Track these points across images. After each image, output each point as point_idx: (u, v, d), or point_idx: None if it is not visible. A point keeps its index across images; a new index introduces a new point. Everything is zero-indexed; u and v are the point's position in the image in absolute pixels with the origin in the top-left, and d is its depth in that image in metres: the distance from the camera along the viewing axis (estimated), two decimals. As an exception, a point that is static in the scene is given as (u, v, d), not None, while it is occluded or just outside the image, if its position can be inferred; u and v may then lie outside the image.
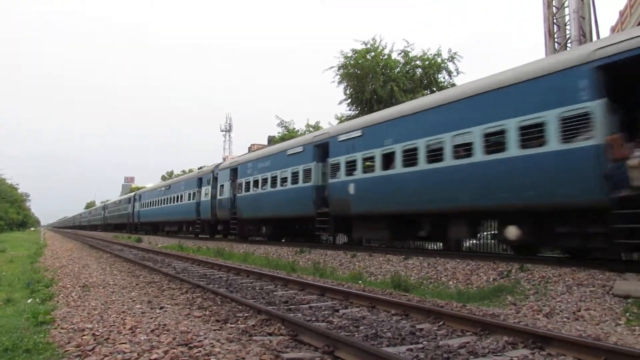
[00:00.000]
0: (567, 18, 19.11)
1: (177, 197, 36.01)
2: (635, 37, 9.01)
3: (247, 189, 23.83)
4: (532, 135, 10.38)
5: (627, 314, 7.19)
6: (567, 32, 18.98)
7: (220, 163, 31.04)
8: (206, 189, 30.12)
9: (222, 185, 27.31)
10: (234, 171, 26.04)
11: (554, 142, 9.92)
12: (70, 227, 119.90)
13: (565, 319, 7.39)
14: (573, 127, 9.63)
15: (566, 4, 18.98)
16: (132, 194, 55.50)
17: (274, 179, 21.19)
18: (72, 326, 6.59)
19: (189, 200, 33.06)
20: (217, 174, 28.86)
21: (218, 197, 27.76)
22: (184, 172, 77.39)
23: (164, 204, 39.80)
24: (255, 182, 23.02)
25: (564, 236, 10.58)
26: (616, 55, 9.16)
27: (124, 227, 57.15)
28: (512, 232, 11.29)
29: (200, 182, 31.68)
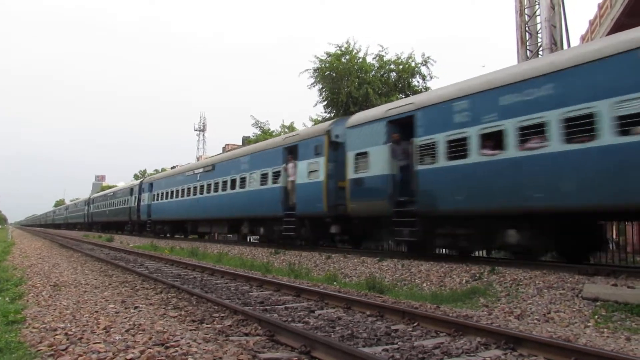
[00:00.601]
0: (538, 26, 19.60)
1: (233, 181, 23.12)
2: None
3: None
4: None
5: (596, 316, 7.40)
6: (539, 40, 19.46)
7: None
8: (312, 163, 17.22)
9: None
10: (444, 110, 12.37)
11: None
12: (42, 226, 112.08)
13: (536, 321, 7.57)
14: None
15: (538, 12, 19.48)
16: (137, 181, 42.21)
17: None
18: (44, 325, 6.47)
19: (266, 184, 20.18)
20: (343, 134, 16.26)
21: (374, 172, 14.36)
22: (156, 170, 75.27)
23: (201, 193, 26.80)
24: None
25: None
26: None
27: (120, 227, 46.00)
28: None
29: (290, 153, 18.91)
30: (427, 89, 29.04)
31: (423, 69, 29.98)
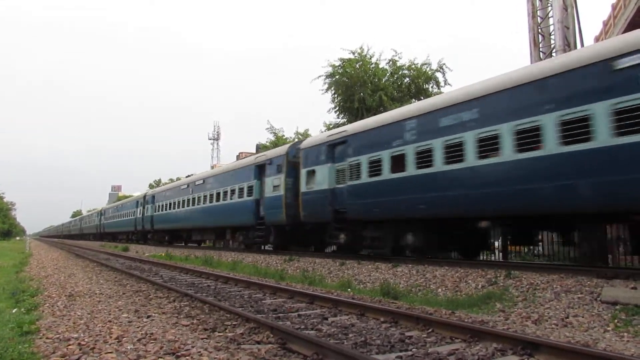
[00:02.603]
0: (551, 28, 19.38)
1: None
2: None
3: None
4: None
5: (615, 320, 7.23)
6: (552, 41, 19.24)
7: None
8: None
9: None
10: None
11: None
12: (68, 237, 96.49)
13: (553, 326, 7.41)
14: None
15: (550, 14, 19.25)
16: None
17: None
18: (58, 336, 6.49)
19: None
20: None
21: None
22: (171, 180, 75.69)
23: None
24: None
25: None
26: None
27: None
28: None
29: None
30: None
31: (438, 76, 29.83)
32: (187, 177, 41.93)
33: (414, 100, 28.59)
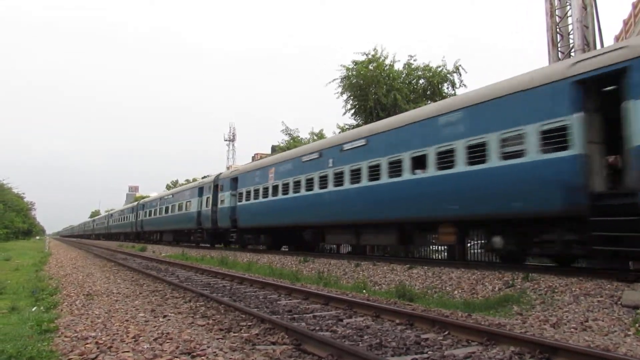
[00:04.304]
0: (570, 27, 19.11)
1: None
2: None
3: None
4: None
5: (637, 325, 7.08)
6: (571, 41, 18.97)
7: None
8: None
9: None
10: None
11: None
12: (107, 236, 73.31)
13: (572, 330, 7.29)
14: None
15: (569, 13, 18.98)
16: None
17: None
18: (76, 334, 6.57)
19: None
20: None
21: None
22: (188, 181, 76.44)
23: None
24: None
25: None
26: None
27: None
28: None
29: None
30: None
31: (455, 77, 29.60)
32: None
33: (428, 102, 28.42)
